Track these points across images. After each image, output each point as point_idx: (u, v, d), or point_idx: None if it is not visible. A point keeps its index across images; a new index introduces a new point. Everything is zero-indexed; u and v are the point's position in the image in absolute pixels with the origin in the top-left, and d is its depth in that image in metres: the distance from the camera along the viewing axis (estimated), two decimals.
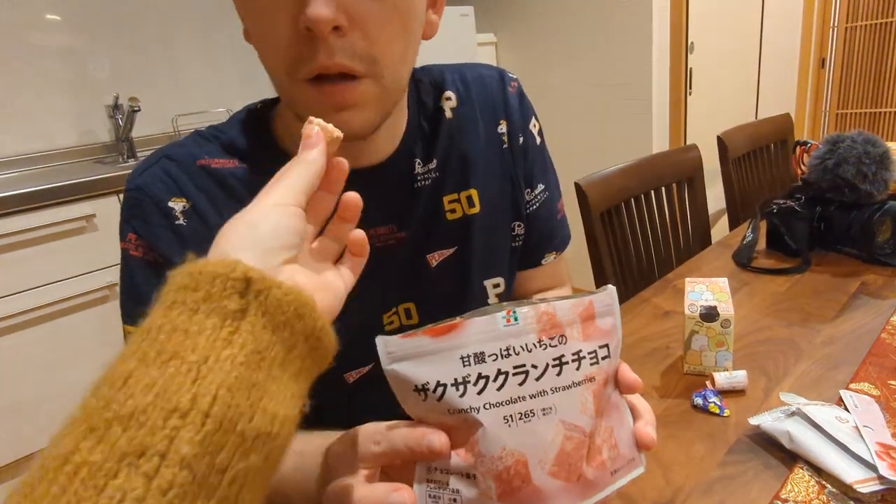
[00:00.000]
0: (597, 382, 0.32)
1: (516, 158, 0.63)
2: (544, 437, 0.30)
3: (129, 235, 0.50)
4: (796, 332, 0.73)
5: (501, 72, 0.64)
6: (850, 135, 0.91)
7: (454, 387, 0.31)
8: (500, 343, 0.31)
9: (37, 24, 1.80)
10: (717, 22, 2.33)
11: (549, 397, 0.31)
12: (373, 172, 0.54)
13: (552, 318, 0.32)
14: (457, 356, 0.31)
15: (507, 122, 0.62)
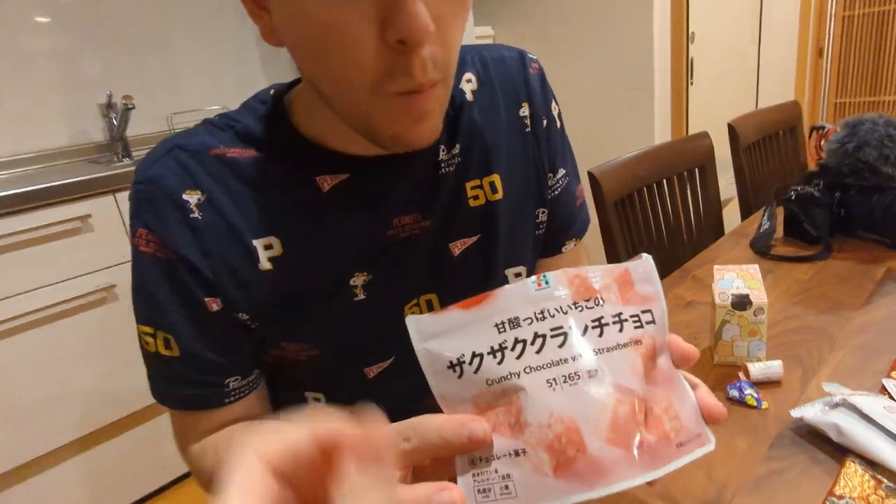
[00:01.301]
0: (644, 346, 0.30)
1: (540, 142, 0.60)
2: (594, 401, 0.27)
3: (139, 231, 0.48)
4: (827, 320, 0.70)
5: (522, 52, 0.61)
6: (871, 117, 0.88)
7: (491, 355, 0.29)
8: (534, 307, 0.29)
9: (27, 22, 1.76)
10: (717, 11, 2.30)
11: (594, 358, 0.28)
12: (398, 159, 0.51)
13: (585, 281, 0.30)
14: (491, 324, 0.29)
15: (529, 105, 0.59)
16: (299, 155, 0.50)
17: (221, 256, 0.48)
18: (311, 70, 0.43)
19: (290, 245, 0.50)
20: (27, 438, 1.41)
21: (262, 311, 0.51)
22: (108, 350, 1.51)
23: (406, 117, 0.41)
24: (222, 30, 2.16)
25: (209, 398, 0.51)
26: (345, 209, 0.51)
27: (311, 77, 0.44)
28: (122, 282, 1.52)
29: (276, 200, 0.49)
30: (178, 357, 0.50)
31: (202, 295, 0.48)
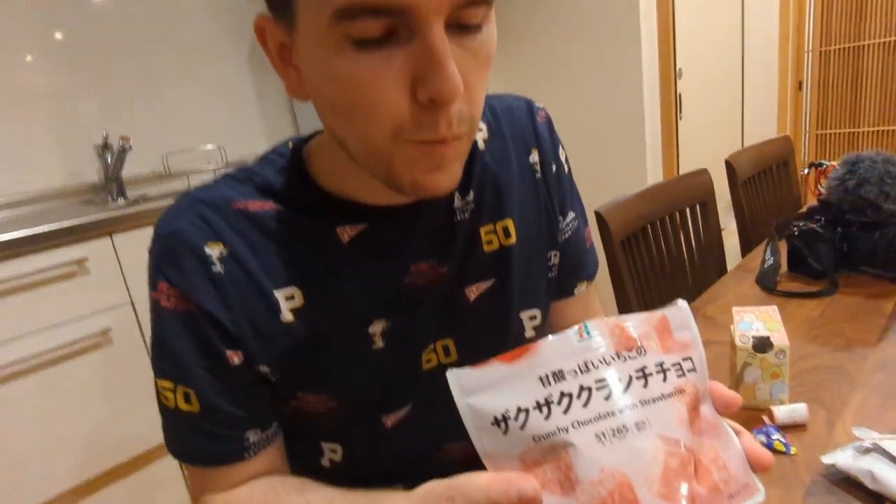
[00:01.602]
0: (688, 395, 0.29)
1: (550, 187, 0.61)
2: (644, 454, 0.27)
3: (160, 285, 0.47)
4: (842, 358, 0.70)
5: (529, 101, 0.63)
6: (869, 155, 0.91)
7: (537, 409, 0.28)
8: (577, 358, 0.29)
9: (22, 62, 1.77)
10: (702, 49, 2.38)
11: (641, 410, 0.28)
12: (415, 208, 0.52)
13: (625, 332, 0.30)
14: (535, 377, 0.29)
15: (538, 152, 0.61)
16: (319, 207, 0.50)
17: (243, 309, 0.48)
18: (334, 122, 0.44)
19: (311, 295, 0.50)
20: (22, 487, 1.36)
21: (283, 362, 0.50)
22: (104, 396, 1.48)
23: (425, 164, 0.41)
24: (217, 71, 2.19)
25: (229, 453, 0.50)
26: (364, 258, 0.51)
27: (334, 128, 0.44)
28: (118, 326, 1.49)
29: (297, 252, 0.50)
30: (198, 412, 0.49)
31: (223, 348, 0.48)
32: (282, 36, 0.42)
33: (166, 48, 2.05)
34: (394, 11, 0.35)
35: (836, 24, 3.16)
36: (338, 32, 0.36)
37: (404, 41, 0.37)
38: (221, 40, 2.19)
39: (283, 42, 0.42)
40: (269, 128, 2.37)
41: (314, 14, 0.37)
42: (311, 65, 0.41)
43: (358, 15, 0.35)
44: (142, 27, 1.98)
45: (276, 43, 0.43)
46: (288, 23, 0.40)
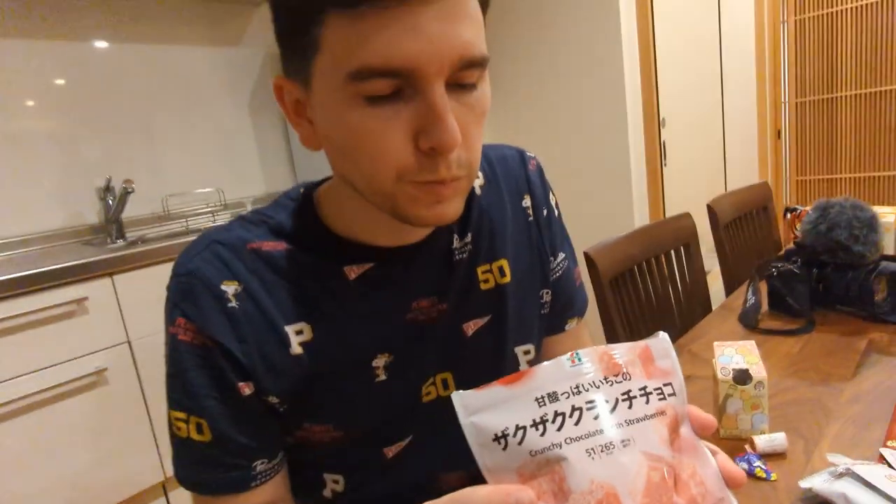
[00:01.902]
0: (668, 416, 0.33)
1: (541, 230, 0.66)
2: (629, 468, 0.30)
3: (178, 320, 0.51)
4: (820, 391, 0.74)
5: (521, 151, 0.68)
6: (838, 201, 0.97)
7: (534, 427, 0.31)
8: (570, 382, 0.33)
9: (25, 108, 1.83)
10: (684, 99, 2.50)
11: (627, 429, 0.31)
12: (417, 248, 0.56)
13: (612, 359, 0.34)
14: (531, 399, 0.32)
15: (530, 197, 0.66)
16: (328, 247, 0.54)
17: (256, 343, 0.51)
18: (344, 166, 0.48)
19: (319, 330, 0.53)
20: None
21: (292, 393, 0.53)
22: (96, 436, 1.47)
23: (426, 200, 0.46)
24: (217, 117, 2.26)
25: (237, 481, 0.52)
26: (369, 295, 0.55)
27: (344, 172, 0.49)
28: (114, 365, 1.50)
29: (306, 289, 0.53)
30: (210, 441, 0.51)
31: (236, 379, 0.51)
32: (298, 93, 0.47)
33: (168, 95, 2.13)
34: (401, 74, 0.40)
35: (811, 77, 3.33)
36: (351, 90, 0.41)
37: (409, 98, 0.42)
38: (222, 88, 2.28)
39: (299, 98, 0.48)
40: (266, 172, 2.43)
41: (330, 74, 0.42)
42: (325, 116, 0.45)
43: (369, 77, 0.40)
44: (143, 74, 2.06)
45: (291, 99, 0.48)
46: (304, 82, 0.46)
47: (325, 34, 0.41)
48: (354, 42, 0.40)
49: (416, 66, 0.40)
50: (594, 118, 2.23)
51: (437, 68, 0.41)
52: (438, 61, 0.41)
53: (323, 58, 0.42)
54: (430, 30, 0.40)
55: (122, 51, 2.01)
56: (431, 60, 0.40)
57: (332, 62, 0.42)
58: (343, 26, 0.40)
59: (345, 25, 0.40)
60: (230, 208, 2.26)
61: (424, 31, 0.40)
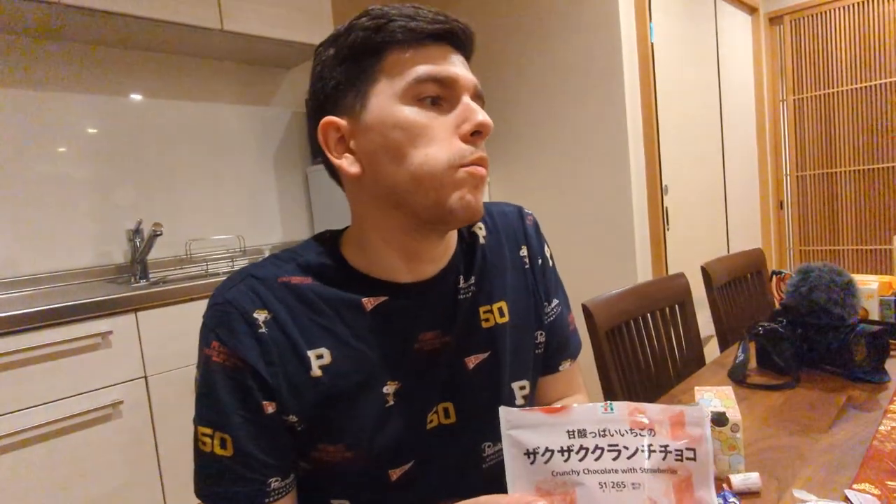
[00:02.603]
0: (679, 476, 0.37)
1: (537, 277, 0.74)
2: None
3: (213, 343, 0.58)
4: (797, 440, 0.79)
5: (520, 208, 0.78)
6: (818, 265, 1.04)
7: (560, 453, 0.38)
8: (599, 425, 0.39)
9: (67, 157, 1.97)
10: (685, 168, 2.62)
11: (638, 475, 0.37)
12: (427, 285, 0.65)
13: (641, 414, 0.39)
14: (564, 430, 0.39)
15: (527, 248, 0.75)
16: (349, 281, 0.62)
17: (281, 365, 0.58)
18: (395, 174, 0.58)
19: (337, 354, 0.60)
20: None
21: (310, 412, 0.59)
22: (106, 468, 1.51)
23: (470, 183, 0.58)
24: (242, 169, 2.41)
25: (252, 496, 0.57)
26: (383, 325, 0.62)
27: (392, 181, 0.58)
28: (130, 399, 1.55)
29: (328, 318, 0.61)
30: (231, 456, 0.57)
31: (261, 398, 0.57)
32: (342, 130, 0.59)
33: (197, 147, 2.28)
34: (445, 83, 0.57)
35: (810, 152, 3.47)
36: (410, 93, 0.56)
37: (448, 109, 0.58)
38: (250, 143, 2.44)
39: (342, 136, 0.60)
40: (285, 221, 2.55)
41: (387, 92, 0.57)
42: (379, 126, 0.57)
43: (425, 81, 0.56)
44: (175, 127, 2.21)
45: (334, 139, 0.60)
46: (356, 111, 0.58)
47: (384, 66, 0.57)
48: (409, 64, 0.57)
49: (456, 78, 0.58)
50: (600, 185, 2.35)
51: (465, 84, 0.59)
52: (467, 80, 0.59)
53: (381, 83, 0.57)
54: (457, 62, 0.59)
55: (156, 105, 2.17)
56: (464, 77, 0.58)
57: (389, 82, 0.57)
58: (399, 57, 0.57)
59: (400, 56, 0.57)
60: (249, 254, 2.37)
61: (454, 62, 0.59)
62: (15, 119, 1.85)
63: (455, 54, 0.59)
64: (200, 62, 2.28)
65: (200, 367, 0.59)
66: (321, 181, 2.51)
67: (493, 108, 2.62)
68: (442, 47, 0.58)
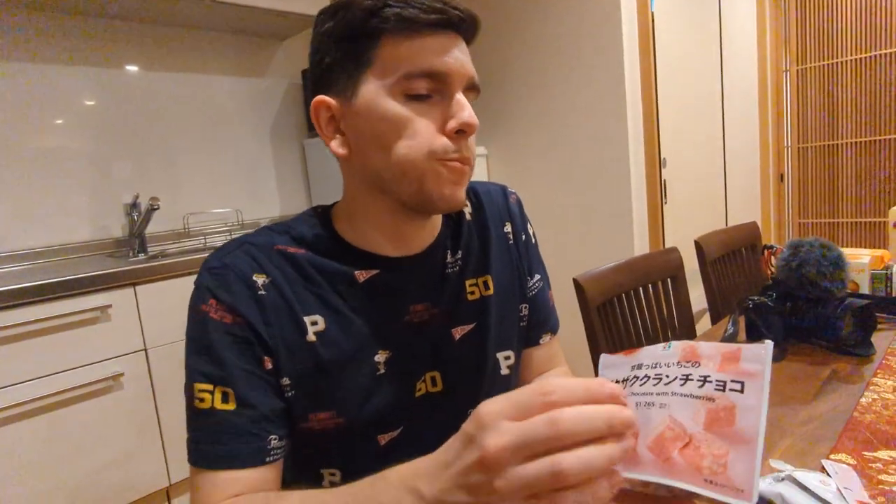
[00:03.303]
0: (717, 404, 0.38)
1: (520, 252, 0.77)
2: (653, 421, 0.40)
3: (210, 301, 0.58)
4: (779, 411, 0.81)
5: (503, 187, 0.80)
6: (808, 240, 1.05)
7: (621, 382, 0.45)
8: (655, 359, 0.45)
9: (64, 130, 1.96)
10: (685, 141, 2.60)
11: (668, 397, 0.41)
12: (417, 259, 0.66)
13: (694, 351, 0.43)
14: (629, 365, 0.46)
15: (510, 224, 0.77)
16: (342, 254, 0.64)
17: (278, 327, 0.60)
18: (376, 160, 0.59)
19: (331, 323, 0.62)
20: None
21: (303, 376, 0.61)
22: (108, 439, 1.54)
23: (450, 178, 0.58)
24: (239, 142, 2.40)
25: (254, 453, 0.56)
26: (375, 297, 0.64)
27: (375, 167, 0.59)
28: (131, 371, 1.58)
29: (322, 287, 0.62)
30: (234, 409, 0.56)
31: (261, 353, 0.59)
32: (333, 110, 0.59)
33: (193, 119, 2.26)
34: (437, 78, 0.56)
35: (812, 124, 3.43)
36: (398, 88, 0.56)
37: (438, 101, 0.57)
38: (246, 115, 2.42)
39: (334, 114, 0.60)
40: (283, 195, 2.55)
41: (378, 81, 0.56)
42: (367, 116, 0.57)
43: (416, 77, 0.55)
44: (171, 100, 2.20)
45: (325, 117, 0.60)
46: (347, 94, 0.58)
47: (378, 52, 0.56)
48: (405, 55, 0.56)
49: (449, 72, 0.56)
50: (598, 158, 2.34)
51: (460, 78, 0.57)
52: (461, 74, 0.57)
53: (373, 70, 0.57)
54: (455, 54, 0.57)
55: (152, 77, 2.15)
56: (456, 71, 0.57)
57: (382, 72, 0.56)
58: (394, 45, 0.56)
59: (395, 44, 0.56)
60: (246, 228, 2.37)
61: (451, 54, 0.57)
62: (10, 92, 1.84)
63: (453, 42, 0.58)
64: (195, 33, 2.25)
65: (195, 325, 0.59)
66: (318, 153, 2.50)
67: (490, 79, 2.59)
68: (439, 36, 0.57)
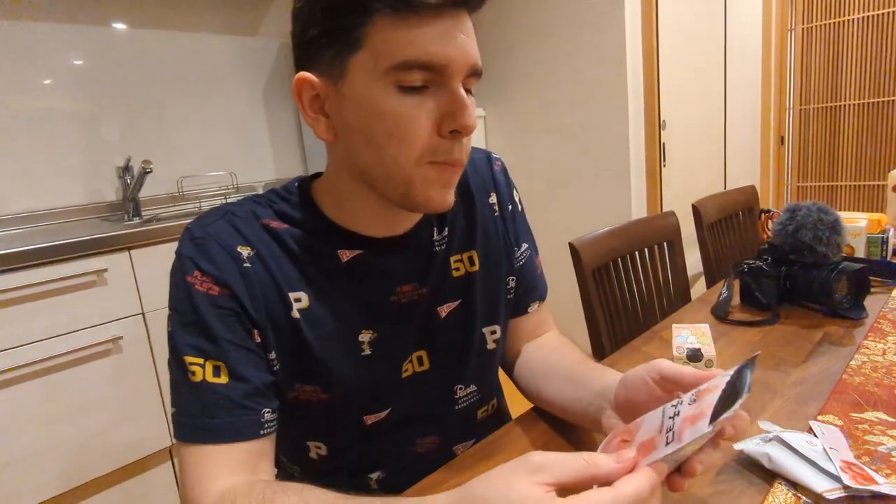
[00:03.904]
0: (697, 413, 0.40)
1: (507, 224, 0.75)
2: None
3: (195, 273, 0.56)
4: (770, 374, 0.82)
5: (488, 154, 0.77)
6: (806, 204, 1.04)
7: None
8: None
9: (55, 90, 1.92)
10: (685, 103, 2.56)
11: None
12: (403, 239, 0.65)
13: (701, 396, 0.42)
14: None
15: (496, 195, 0.74)
16: (324, 232, 0.62)
17: (264, 301, 0.58)
18: (364, 154, 0.55)
19: (314, 301, 0.61)
20: (16, 489, 1.42)
21: (287, 353, 0.60)
22: (110, 401, 1.57)
23: (438, 182, 0.55)
24: (231, 103, 2.35)
25: (248, 426, 0.55)
26: (358, 277, 0.63)
27: (362, 161, 0.56)
28: (129, 334, 1.59)
29: (306, 265, 0.61)
30: (226, 383, 0.54)
31: (249, 326, 0.57)
32: (320, 88, 0.54)
33: (185, 80, 2.21)
34: (434, 69, 0.50)
35: (815, 85, 3.37)
36: (389, 80, 0.50)
37: (434, 92, 0.52)
38: (238, 75, 2.36)
39: (318, 94, 0.55)
40: (277, 158, 2.52)
41: (369, 68, 0.51)
42: (355, 105, 0.53)
43: (411, 68, 0.50)
44: (162, 59, 2.14)
45: (310, 95, 0.55)
46: (334, 76, 0.53)
47: (370, 33, 0.49)
48: (401, 40, 0.49)
49: (448, 63, 0.50)
50: (597, 120, 2.30)
51: (460, 68, 0.51)
52: (462, 63, 0.51)
53: (364, 54, 0.50)
54: (458, 38, 0.51)
55: (142, 35, 2.09)
56: (457, 60, 0.51)
57: (373, 57, 0.50)
58: (388, 27, 0.49)
59: (390, 27, 0.49)
60: (242, 191, 2.35)
61: (453, 38, 0.50)
62: None
63: (457, 24, 0.51)
64: None
65: (180, 297, 0.56)
66: None
67: (488, 39, 2.52)
68: (442, 19, 0.49)
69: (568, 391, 0.66)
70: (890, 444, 0.62)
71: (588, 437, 0.69)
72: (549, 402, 0.70)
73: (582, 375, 0.65)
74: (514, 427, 0.73)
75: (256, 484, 0.50)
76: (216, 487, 0.51)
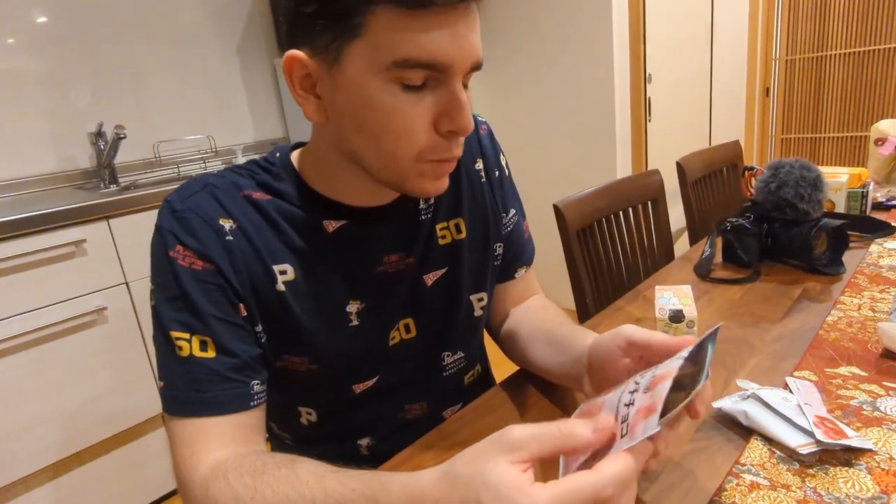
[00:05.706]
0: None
1: (494, 189, 0.74)
2: None
3: (177, 247, 0.55)
4: (749, 331, 0.84)
5: (473, 117, 0.74)
6: (789, 161, 1.04)
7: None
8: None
9: (18, 51, 1.83)
10: (671, 55, 2.52)
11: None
12: (389, 208, 0.64)
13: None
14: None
15: (482, 160, 0.73)
16: (309, 203, 0.61)
17: (248, 274, 0.57)
18: (357, 141, 0.54)
19: (300, 273, 0.60)
20: (10, 459, 1.44)
21: (273, 325, 0.60)
22: (99, 370, 1.57)
23: (433, 175, 0.55)
24: (205, 61, 2.27)
25: (238, 398, 0.54)
26: (345, 248, 0.62)
27: (355, 147, 0.54)
28: (114, 305, 1.58)
29: (290, 236, 0.60)
30: (214, 357, 0.54)
31: (235, 300, 0.56)
32: (312, 68, 0.52)
33: (155, 37, 2.12)
34: (436, 68, 0.48)
35: (802, 35, 3.33)
36: (390, 76, 0.48)
37: (433, 88, 0.50)
38: (211, 32, 2.27)
39: (310, 73, 0.52)
40: (256, 120, 2.45)
41: (368, 59, 0.48)
42: (351, 94, 0.51)
43: (412, 66, 0.48)
44: (129, 14, 2.04)
45: (301, 74, 0.53)
46: (329, 60, 0.50)
47: (372, 21, 0.46)
48: (404, 35, 0.46)
49: (450, 63, 0.48)
50: (581, 73, 2.26)
51: (462, 67, 0.50)
52: (464, 61, 0.50)
53: (363, 42, 0.47)
54: (463, 35, 0.48)
55: None
56: (461, 60, 0.49)
57: (372, 49, 0.47)
58: (392, 19, 0.46)
59: (394, 19, 0.46)
60: (220, 155, 2.30)
61: (460, 36, 0.48)
62: None
63: (464, 17, 0.48)
64: None
65: (163, 272, 0.56)
66: None
67: None
68: (449, 12, 0.47)
69: (551, 355, 0.67)
70: (862, 397, 0.64)
71: (573, 397, 0.70)
72: (535, 366, 0.71)
73: (563, 339, 0.66)
74: (500, 391, 0.74)
75: (248, 456, 0.50)
76: (208, 460, 0.51)
